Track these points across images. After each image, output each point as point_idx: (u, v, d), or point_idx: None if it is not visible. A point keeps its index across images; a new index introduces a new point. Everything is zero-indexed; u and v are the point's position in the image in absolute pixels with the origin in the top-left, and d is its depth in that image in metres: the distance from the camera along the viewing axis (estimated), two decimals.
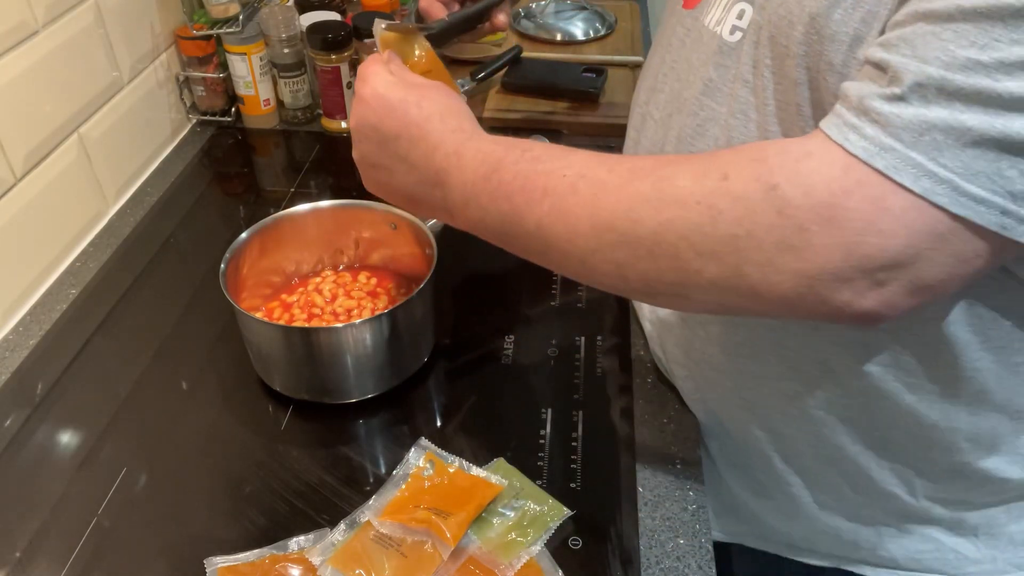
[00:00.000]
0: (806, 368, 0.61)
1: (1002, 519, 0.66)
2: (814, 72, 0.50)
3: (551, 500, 0.64)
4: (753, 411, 0.66)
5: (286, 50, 1.09)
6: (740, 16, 0.55)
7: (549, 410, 0.72)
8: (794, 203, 0.42)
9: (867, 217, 0.41)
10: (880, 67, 0.43)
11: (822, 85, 0.49)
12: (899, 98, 0.41)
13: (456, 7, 0.84)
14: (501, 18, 0.89)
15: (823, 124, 0.44)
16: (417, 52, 0.69)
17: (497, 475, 0.65)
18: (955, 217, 0.41)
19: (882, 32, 0.45)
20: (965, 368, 0.56)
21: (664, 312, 0.72)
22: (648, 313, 0.75)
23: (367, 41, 1.07)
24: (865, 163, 0.41)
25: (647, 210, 0.47)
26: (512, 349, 0.78)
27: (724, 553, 0.75)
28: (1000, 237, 0.41)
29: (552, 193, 0.50)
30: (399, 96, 0.58)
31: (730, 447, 0.71)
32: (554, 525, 0.62)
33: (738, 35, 0.56)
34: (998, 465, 0.61)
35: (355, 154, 0.61)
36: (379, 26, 0.68)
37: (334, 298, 0.79)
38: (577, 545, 0.62)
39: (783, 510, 0.71)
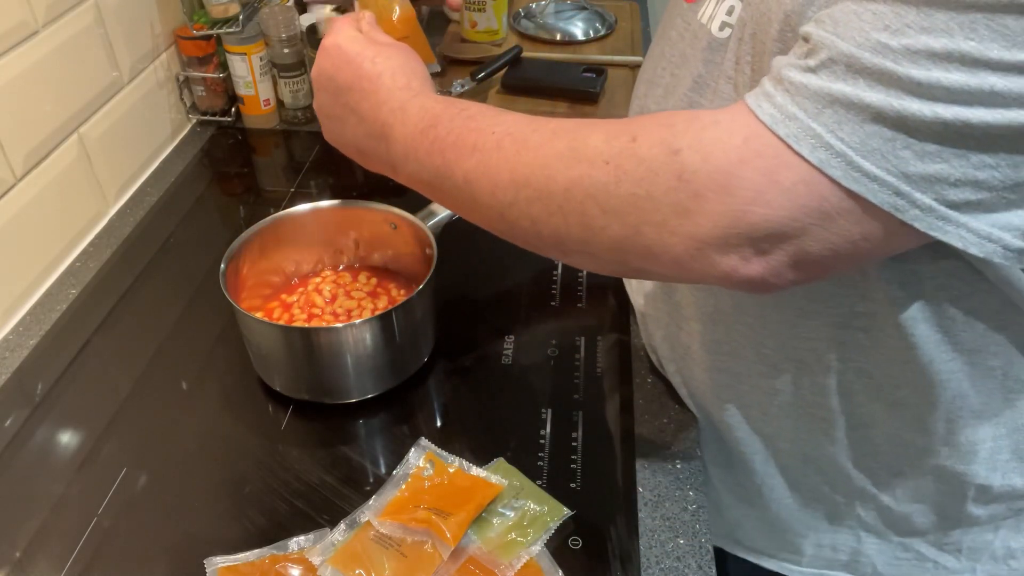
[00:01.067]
0: (784, 366, 0.61)
1: (988, 537, 0.66)
2: None
3: (551, 500, 0.64)
4: (734, 408, 0.67)
5: (286, 50, 1.09)
6: (729, 12, 0.56)
7: (549, 410, 0.72)
8: (692, 168, 0.43)
9: (757, 187, 0.42)
10: (804, 40, 0.44)
11: None
12: (811, 70, 0.42)
13: None
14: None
15: (746, 93, 0.45)
16: (397, 14, 0.69)
17: (497, 475, 0.65)
18: (847, 193, 0.41)
19: None
20: (939, 372, 0.56)
21: (651, 307, 0.72)
22: (640, 307, 0.75)
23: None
24: (769, 129, 0.42)
25: (560, 166, 0.48)
26: (512, 349, 0.78)
27: (720, 553, 0.75)
28: (891, 220, 0.41)
29: (480, 149, 0.52)
30: (356, 50, 0.60)
31: (714, 444, 0.71)
32: (554, 525, 0.62)
33: (727, 31, 0.56)
34: (977, 471, 0.61)
35: (315, 103, 0.63)
36: None
37: (334, 298, 0.79)
38: (577, 545, 0.62)
39: (764, 518, 0.71)
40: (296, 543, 0.61)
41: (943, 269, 0.52)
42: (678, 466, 0.68)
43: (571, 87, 1.14)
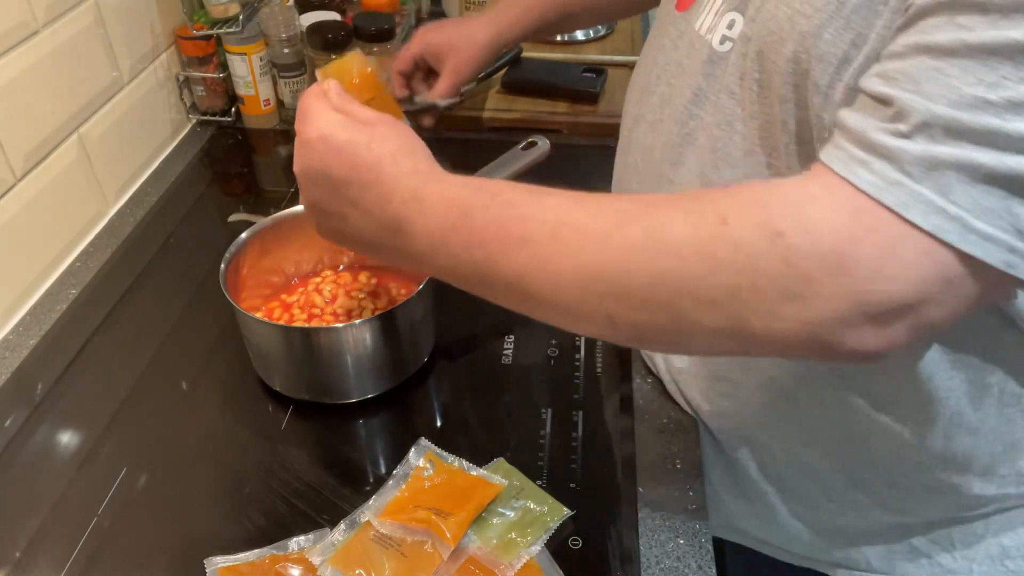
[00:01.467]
0: (781, 381, 0.61)
1: (980, 531, 0.66)
2: (801, 91, 0.49)
3: (551, 500, 0.64)
4: (729, 417, 0.67)
5: (286, 50, 1.09)
6: (730, 26, 0.55)
7: (549, 410, 0.72)
8: (800, 251, 0.41)
9: (875, 265, 0.40)
10: (882, 101, 0.41)
11: (808, 104, 0.49)
12: (904, 135, 0.40)
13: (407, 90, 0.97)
14: (427, 121, 0.99)
15: (825, 157, 0.43)
16: (356, 76, 0.62)
17: (497, 475, 0.65)
18: (962, 256, 0.40)
19: (871, 57, 0.45)
20: (938, 389, 0.56)
21: None
22: None
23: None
24: (874, 199, 0.40)
25: (641, 260, 0.44)
26: (512, 349, 0.78)
27: (716, 544, 0.75)
28: (1002, 275, 0.40)
29: (531, 241, 0.47)
30: (345, 137, 0.53)
31: (711, 447, 0.71)
32: (554, 525, 0.62)
33: (727, 45, 0.55)
34: (972, 483, 0.62)
35: (303, 200, 0.57)
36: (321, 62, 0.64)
37: (334, 298, 0.79)
38: (577, 545, 0.62)
39: (760, 515, 0.71)
40: (296, 543, 0.61)
41: None
42: (678, 466, 0.68)
43: (571, 87, 1.14)
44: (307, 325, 0.75)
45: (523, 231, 0.48)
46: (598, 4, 0.93)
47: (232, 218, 0.95)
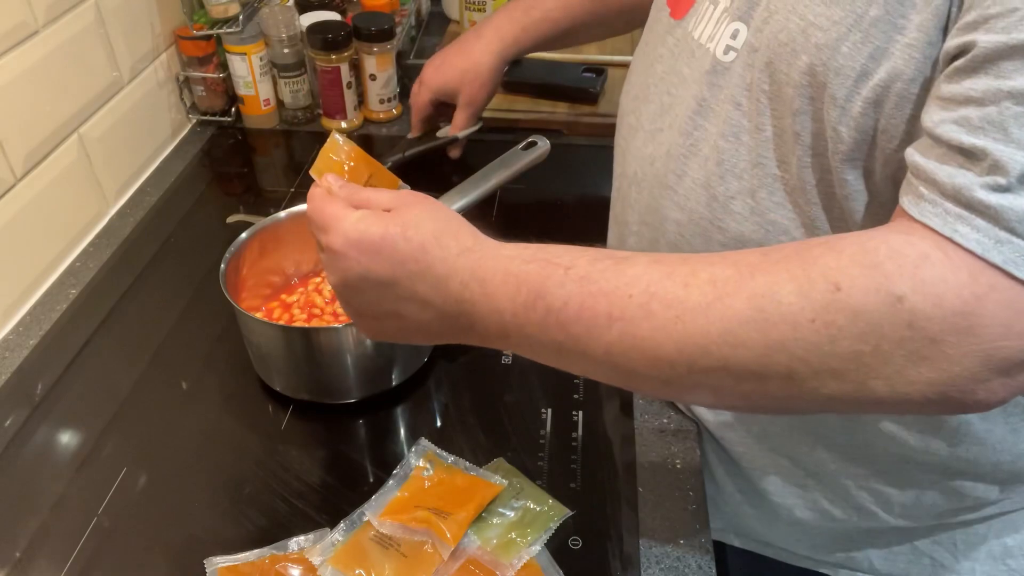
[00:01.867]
0: None
1: (982, 531, 0.66)
2: (817, 103, 0.48)
3: (551, 500, 0.64)
4: (735, 424, 0.67)
5: (286, 50, 1.09)
6: (734, 36, 0.54)
7: (549, 410, 0.72)
8: (924, 315, 0.39)
9: (1004, 323, 0.39)
10: (971, 156, 0.40)
11: (824, 117, 0.48)
12: (1005, 189, 0.39)
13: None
14: (454, 153, 1.02)
15: (918, 212, 0.42)
16: (347, 159, 0.58)
17: (497, 475, 0.65)
18: None
19: (895, 76, 0.44)
20: None
21: None
22: None
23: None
24: (980, 258, 0.39)
25: (750, 333, 0.42)
26: None
27: (718, 546, 0.75)
28: None
29: (620, 318, 0.44)
30: (378, 233, 0.49)
31: (715, 448, 0.71)
32: (554, 525, 0.62)
33: (732, 55, 0.54)
34: (975, 487, 0.62)
35: (349, 312, 0.54)
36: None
37: (334, 298, 0.79)
38: (577, 545, 0.62)
39: (763, 517, 0.71)
40: (296, 543, 0.61)
41: None
42: (678, 466, 0.68)
43: (571, 87, 1.14)
44: (307, 325, 0.75)
45: (609, 308, 0.45)
46: (595, 21, 0.93)
47: (232, 218, 0.95)
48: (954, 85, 0.41)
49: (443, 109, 1.00)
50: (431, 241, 0.49)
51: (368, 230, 0.49)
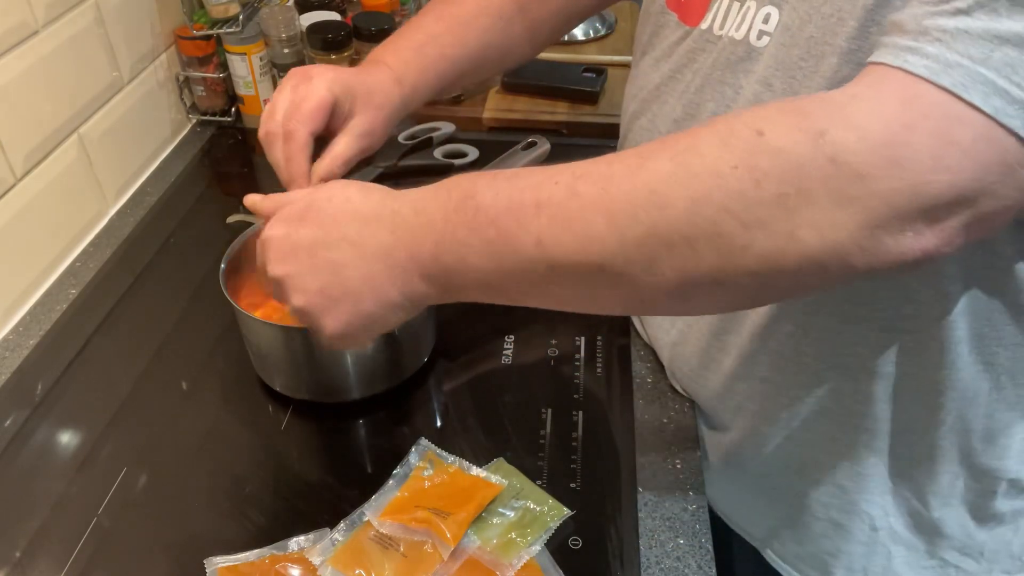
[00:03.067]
0: (826, 375, 0.60)
1: (1008, 536, 0.66)
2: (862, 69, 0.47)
3: (551, 500, 0.64)
4: (771, 420, 0.65)
5: (286, 50, 1.09)
6: (766, 20, 0.53)
7: (549, 410, 0.72)
8: (848, 148, 0.38)
9: (933, 153, 0.37)
10: None
11: None
12: (963, 12, 0.37)
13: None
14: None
15: (873, 57, 0.40)
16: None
17: (497, 475, 0.65)
18: None
19: None
20: (981, 369, 0.56)
21: (680, 324, 0.70)
22: (664, 323, 0.74)
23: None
24: (929, 81, 0.37)
25: (674, 188, 0.40)
26: (512, 349, 0.78)
27: (720, 552, 0.75)
28: None
29: (548, 203, 0.44)
30: (303, 201, 0.52)
31: (743, 456, 0.70)
32: (554, 525, 0.62)
33: (765, 39, 0.53)
34: (1009, 466, 0.61)
35: (289, 293, 0.52)
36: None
37: None
38: (577, 545, 0.62)
39: (794, 537, 0.70)
40: (296, 543, 0.61)
41: (996, 265, 0.51)
42: (678, 466, 0.68)
43: (571, 87, 1.14)
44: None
45: (537, 196, 0.44)
46: (495, 53, 0.74)
47: (231, 219, 0.95)
48: None
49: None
50: (354, 194, 0.50)
51: (293, 202, 0.52)
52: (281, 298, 0.53)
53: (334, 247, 0.50)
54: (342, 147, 0.64)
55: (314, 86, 0.62)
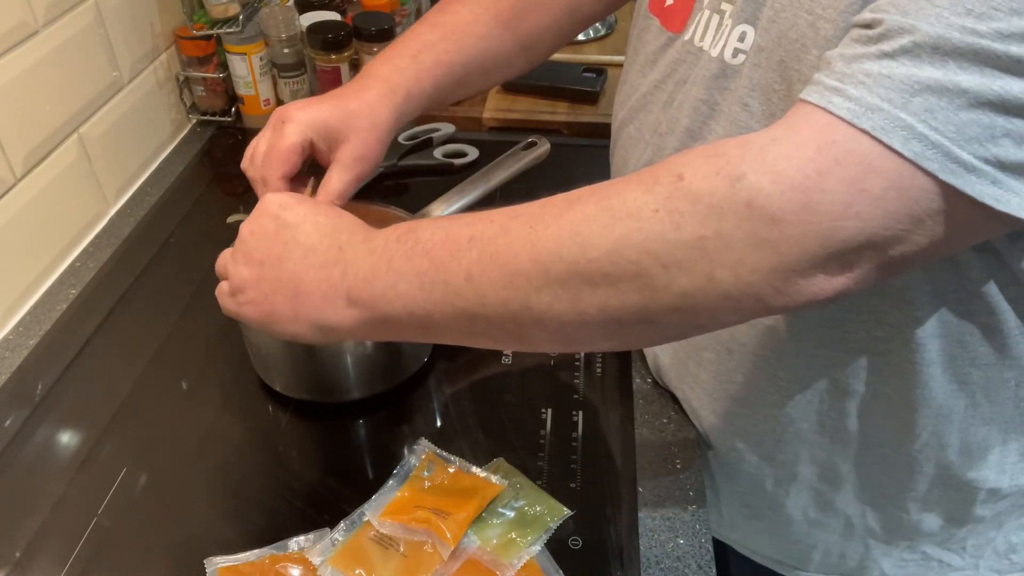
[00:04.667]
0: (801, 395, 0.61)
1: (992, 534, 0.66)
2: None
3: (551, 500, 0.64)
4: (746, 435, 0.66)
5: (286, 50, 1.09)
6: (741, 38, 0.53)
7: (549, 410, 0.72)
8: (763, 192, 0.39)
9: (844, 200, 0.38)
10: (866, 27, 0.40)
11: None
12: (888, 56, 0.38)
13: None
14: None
15: (803, 94, 0.42)
16: None
17: (497, 475, 0.65)
18: (940, 188, 0.38)
19: None
20: (955, 387, 0.56)
21: None
22: None
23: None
24: (850, 124, 0.38)
25: (596, 229, 0.42)
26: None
27: (720, 548, 0.75)
28: (985, 211, 0.39)
29: (480, 238, 0.45)
30: (275, 203, 0.56)
31: (718, 463, 0.71)
32: (554, 525, 0.62)
33: (740, 58, 0.54)
34: (987, 476, 0.61)
35: (233, 290, 0.57)
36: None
37: None
38: (577, 545, 0.62)
39: (772, 530, 0.71)
40: (296, 543, 0.61)
41: (965, 288, 0.52)
42: (678, 466, 0.68)
43: (571, 87, 1.14)
44: None
45: (471, 232, 0.46)
46: (491, 62, 0.73)
47: (232, 219, 0.95)
48: None
49: (314, 169, 0.68)
50: (322, 215, 0.54)
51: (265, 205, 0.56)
52: (229, 263, 0.57)
53: (290, 243, 0.53)
54: (335, 182, 0.64)
55: (286, 131, 0.63)
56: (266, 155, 0.63)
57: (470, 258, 0.46)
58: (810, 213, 0.39)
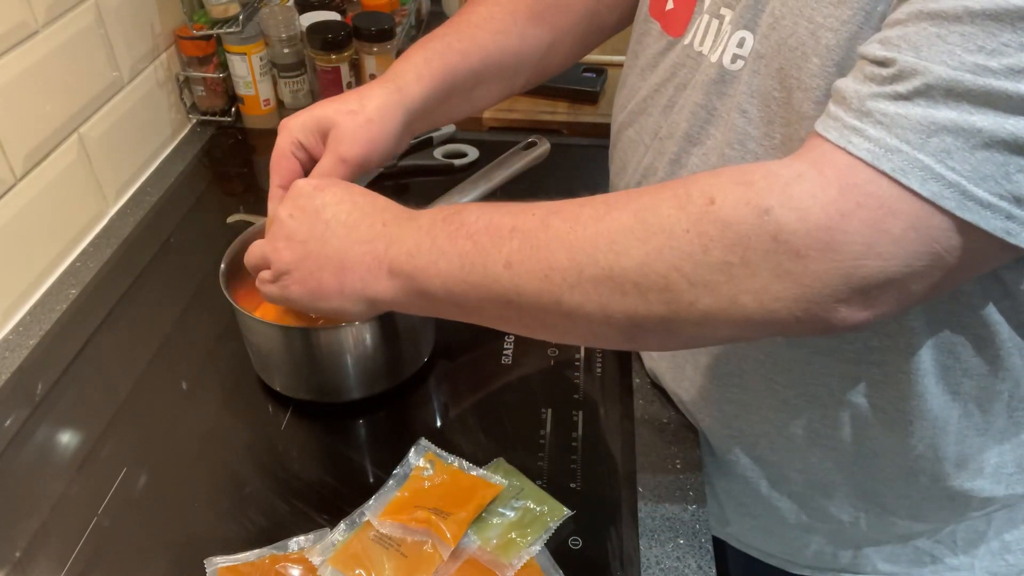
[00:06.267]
0: (796, 401, 0.61)
1: (982, 529, 0.66)
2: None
3: (551, 500, 0.64)
4: (740, 438, 0.67)
5: (286, 50, 1.09)
6: (740, 44, 0.54)
7: (549, 410, 0.72)
8: (789, 228, 0.41)
9: (865, 241, 0.40)
10: (880, 64, 0.41)
11: None
12: (904, 98, 0.40)
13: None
14: None
15: (820, 127, 0.43)
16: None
17: (497, 475, 0.65)
18: (958, 226, 0.40)
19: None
20: (950, 399, 0.56)
21: None
22: None
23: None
24: (870, 166, 0.40)
25: (631, 241, 0.44)
26: (512, 349, 0.78)
27: (717, 543, 0.75)
28: (998, 244, 0.40)
29: (521, 230, 0.48)
30: (317, 185, 0.57)
31: (719, 465, 0.71)
32: (554, 525, 0.62)
33: (739, 63, 0.54)
34: (983, 486, 0.62)
35: (277, 269, 0.57)
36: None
37: None
38: (577, 545, 0.62)
39: (766, 528, 0.71)
40: (296, 543, 0.61)
41: (959, 300, 0.52)
42: (678, 466, 0.68)
43: (571, 87, 1.14)
44: (307, 325, 0.75)
45: (514, 222, 0.48)
46: (494, 73, 0.72)
47: (232, 218, 0.95)
48: (892, 12, 0.43)
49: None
50: (359, 194, 0.56)
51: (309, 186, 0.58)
52: (267, 250, 0.57)
53: (332, 222, 0.54)
54: (321, 164, 0.64)
55: (277, 140, 0.65)
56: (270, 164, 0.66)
57: (511, 247, 0.47)
58: (833, 252, 0.40)
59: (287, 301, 0.58)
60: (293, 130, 0.64)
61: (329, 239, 0.54)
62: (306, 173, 0.65)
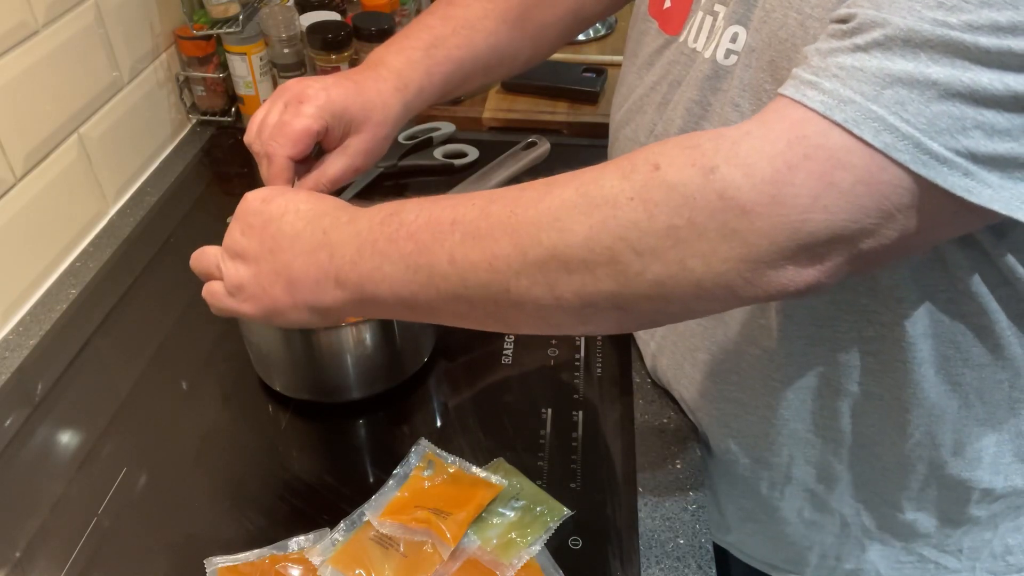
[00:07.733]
0: (793, 394, 0.61)
1: (988, 536, 0.66)
2: None
3: (551, 500, 0.64)
4: (740, 438, 0.66)
5: (286, 50, 1.09)
6: (734, 39, 0.54)
7: (549, 410, 0.72)
8: (734, 184, 0.39)
9: (812, 193, 0.39)
10: (842, 21, 0.41)
11: None
12: (861, 49, 0.39)
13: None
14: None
15: (781, 88, 0.42)
16: None
17: (497, 475, 0.65)
18: (912, 180, 0.38)
19: None
20: (948, 388, 0.56)
21: (658, 336, 0.71)
22: (643, 334, 0.75)
23: None
24: (823, 116, 0.39)
25: (575, 216, 0.43)
26: (512, 349, 0.78)
27: (719, 550, 0.75)
28: (957, 202, 0.39)
29: (462, 222, 0.46)
30: (262, 196, 0.55)
31: (719, 468, 0.71)
32: (554, 525, 0.62)
33: (733, 59, 0.54)
34: (981, 476, 0.61)
35: (237, 261, 0.55)
36: None
37: None
38: (577, 545, 0.62)
39: (768, 532, 0.71)
40: (296, 543, 0.61)
41: (955, 287, 0.52)
42: (678, 466, 0.68)
43: (571, 87, 1.14)
44: None
45: (454, 215, 0.47)
46: (496, 60, 0.73)
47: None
48: None
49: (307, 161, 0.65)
50: (303, 202, 0.53)
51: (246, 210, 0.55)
52: (221, 263, 0.56)
53: (280, 236, 0.53)
54: (334, 169, 0.64)
55: (303, 111, 0.62)
56: (277, 130, 0.62)
57: (453, 241, 0.46)
58: (779, 206, 0.39)
59: (242, 316, 0.56)
60: (323, 112, 0.62)
61: (277, 253, 0.53)
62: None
